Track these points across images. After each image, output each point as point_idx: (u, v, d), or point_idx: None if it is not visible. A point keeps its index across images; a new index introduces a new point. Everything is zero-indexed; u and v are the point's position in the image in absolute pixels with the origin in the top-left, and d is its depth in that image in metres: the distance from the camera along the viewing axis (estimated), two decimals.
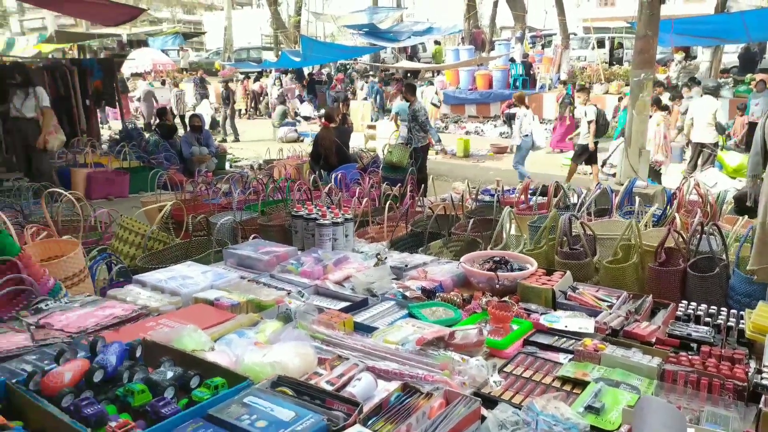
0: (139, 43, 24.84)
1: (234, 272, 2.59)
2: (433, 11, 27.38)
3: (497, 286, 2.37)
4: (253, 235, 3.53)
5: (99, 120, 10.01)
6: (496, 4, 21.12)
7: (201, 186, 6.13)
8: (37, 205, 5.37)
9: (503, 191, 5.24)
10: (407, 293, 2.34)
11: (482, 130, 15.62)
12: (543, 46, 20.59)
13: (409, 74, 20.88)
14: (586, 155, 9.03)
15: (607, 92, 15.42)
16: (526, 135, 8.84)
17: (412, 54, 22.96)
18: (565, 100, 12.64)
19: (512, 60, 17.33)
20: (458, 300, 2.25)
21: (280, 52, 21.52)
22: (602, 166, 9.75)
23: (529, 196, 4.41)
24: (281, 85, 19.13)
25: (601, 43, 18.78)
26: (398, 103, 12.90)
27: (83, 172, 7.24)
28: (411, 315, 2.15)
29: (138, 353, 1.63)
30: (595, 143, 8.98)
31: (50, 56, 18.84)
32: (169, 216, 4.55)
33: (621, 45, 19.81)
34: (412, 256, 2.90)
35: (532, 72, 17.03)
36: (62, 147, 7.50)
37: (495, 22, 21.93)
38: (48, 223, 3.79)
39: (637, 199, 3.54)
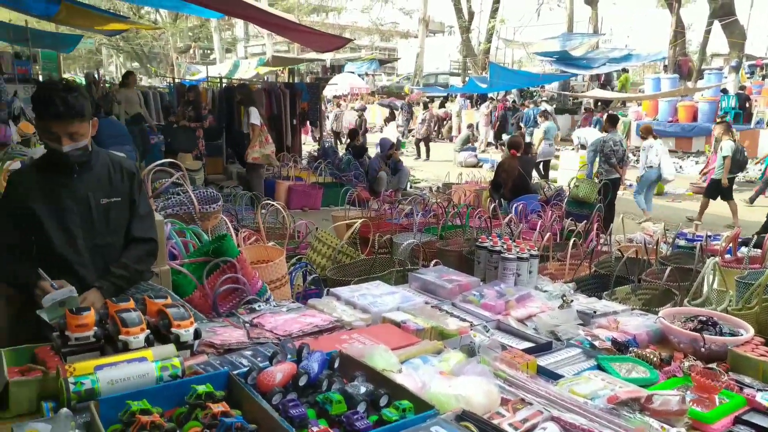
0: (339, 68, 27.09)
1: (418, 296, 2.68)
2: (634, 37, 25.75)
3: (702, 349, 2.13)
4: (435, 260, 3.62)
5: (302, 138, 11.09)
6: (709, 31, 19.19)
7: (385, 205, 6.46)
8: (249, 211, 6.11)
9: (706, 238, 4.72)
10: (596, 343, 2.22)
11: (681, 167, 14.21)
12: (764, 77, 18.16)
13: (599, 103, 19.84)
14: (719, 191, 8.75)
15: None
16: (650, 166, 8.78)
17: (606, 82, 21.79)
18: None
19: (724, 91, 15.55)
20: (655, 359, 2.07)
21: (467, 78, 21.90)
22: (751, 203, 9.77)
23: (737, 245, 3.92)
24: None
25: None
26: (585, 131, 12.35)
27: (285, 184, 8.08)
28: (600, 367, 2.02)
29: (336, 364, 1.76)
30: (730, 179, 8.68)
31: (266, 78, 21.42)
32: (357, 231, 4.87)
33: None
34: (601, 302, 2.74)
35: (747, 105, 15.10)
36: (268, 160, 8.39)
37: (705, 50, 19.92)
38: (259, 229, 4.25)
39: None
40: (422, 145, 16.93)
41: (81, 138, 2.24)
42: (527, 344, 2.21)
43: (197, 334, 1.88)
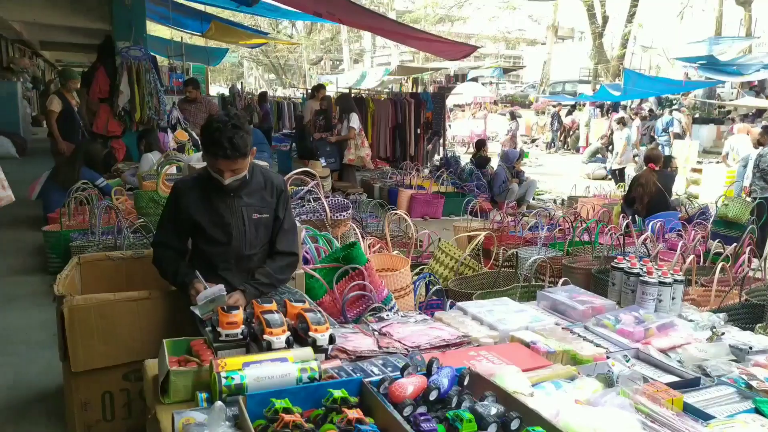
0: (463, 76, 27.03)
1: (548, 316, 2.59)
2: None
3: None
4: (563, 279, 3.47)
5: (426, 148, 11.22)
6: None
7: (508, 218, 6.32)
8: (373, 218, 6.28)
9: None
10: (753, 383, 1.99)
11: None
12: None
13: (750, 114, 17.96)
14: None
15: None
16: None
17: (761, 89, 19.68)
18: None
19: None
20: None
21: (598, 86, 20.85)
22: None
23: None
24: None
25: None
26: (738, 140, 11.21)
27: (408, 193, 8.19)
28: (758, 411, 1.82)
29: (465, 381, 1.75)
30: None
31: (389, 87, 21.91)
32: (480, 244, 4.81)
33: None
34: (757, 337, 2.47)
35: None
36: (362, 162, 8.72)
37: None
38: (385, 238, 4.35)
39: None
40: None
41: (241, 171, 2.47)
42: (671, 378, 2.05)
43: (332, 339, 1.97)
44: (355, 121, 8.39)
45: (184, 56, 12.36)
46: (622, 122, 13.33)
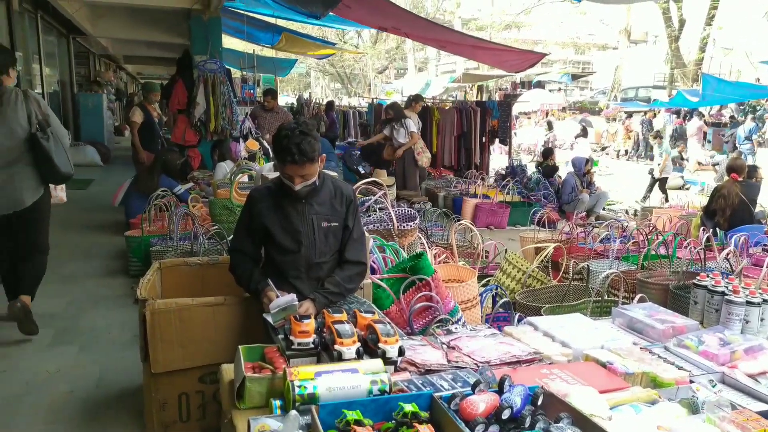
0: (529, 83, 26.54)
1: (624, 334, 2.48)
2: None
3: None
4: (639, 295, 3.33)
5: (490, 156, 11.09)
6: None
7: (577, 229, 6.12)
8: (437, 228, 6.26)
9: None
10: None
11: None
12: None
13: None
14: None
15: None
16: None
17: None
18: None
19: None
20: None
21: (674, 91, 19.94)
22: None
23: None
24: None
25: None
26: None
27: (472, 202, 8.10)
28: None
29: (539, 401, 1.70)
30: None
31: (453, 95, 21.81)
32: (549, 255, 4.69)
33: None
34: None
35: None
36: (428, 164, 8.78)
37: None
38: (451, 248, 4.32)
39: None
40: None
41: (311, 177, 2.53)
42: (761, 406, 1.91)
43: (401, 352, 1.97)
44: (413, 125, 8.41)
45: (256, 68, 12.81)
46: (658, 136, 12.84)
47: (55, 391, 3.08)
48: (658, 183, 11.73)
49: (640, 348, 2.30)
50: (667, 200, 11.25)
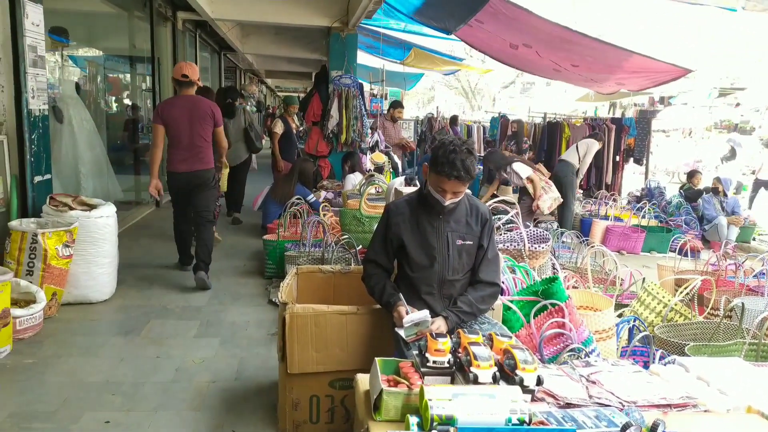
0: (669, 99, 24.67)
1: None
2: None
3: None
4: None
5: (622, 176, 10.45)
6: None
7: (726, 260, 5.56)
8: (565, 249, 5.99)
9: None
10: None
11: None
12: None
13: None
14: None
15: None
16: None
17: None
18: None
19: None
20: None
21: None
22: None
23: None
24: None
25: None
26: None
27: (603, 224, 7.68)
28: None
29: None
30: None
31: (584, 111, 20.86)
32: (695, 289, 4.30)
33: None
34: None
35: None
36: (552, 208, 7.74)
37: None
38: (585, 273, 4.11)
39: None
40: None
41: (460, 195, 2.55)
42: None
43: (539, 381, 1.90)
44: (523, 169, 6.96)
45: (384, 81, 13.17)
46: None
47: (200, 379, 3.36)
48: None
49: None
50: None
